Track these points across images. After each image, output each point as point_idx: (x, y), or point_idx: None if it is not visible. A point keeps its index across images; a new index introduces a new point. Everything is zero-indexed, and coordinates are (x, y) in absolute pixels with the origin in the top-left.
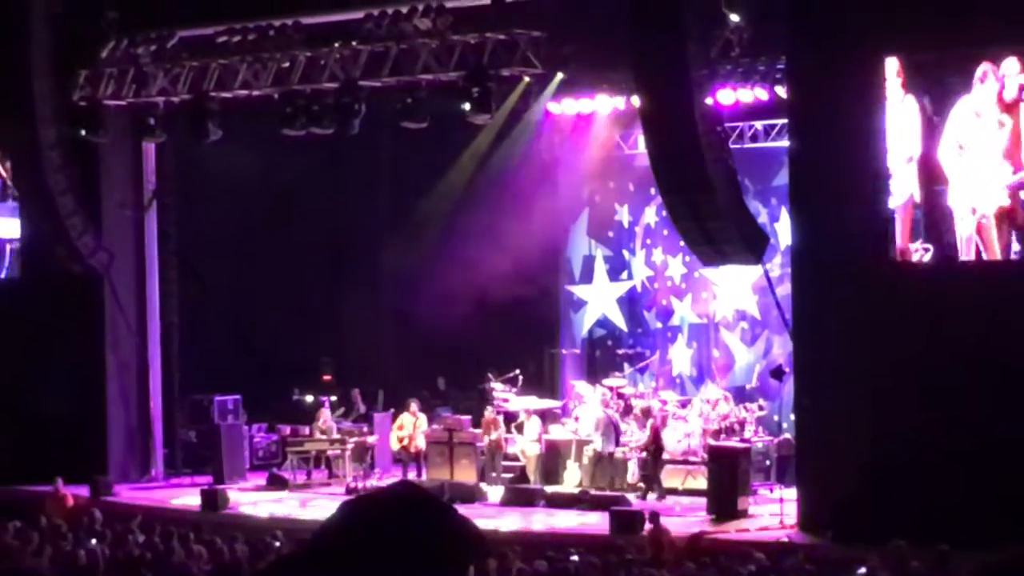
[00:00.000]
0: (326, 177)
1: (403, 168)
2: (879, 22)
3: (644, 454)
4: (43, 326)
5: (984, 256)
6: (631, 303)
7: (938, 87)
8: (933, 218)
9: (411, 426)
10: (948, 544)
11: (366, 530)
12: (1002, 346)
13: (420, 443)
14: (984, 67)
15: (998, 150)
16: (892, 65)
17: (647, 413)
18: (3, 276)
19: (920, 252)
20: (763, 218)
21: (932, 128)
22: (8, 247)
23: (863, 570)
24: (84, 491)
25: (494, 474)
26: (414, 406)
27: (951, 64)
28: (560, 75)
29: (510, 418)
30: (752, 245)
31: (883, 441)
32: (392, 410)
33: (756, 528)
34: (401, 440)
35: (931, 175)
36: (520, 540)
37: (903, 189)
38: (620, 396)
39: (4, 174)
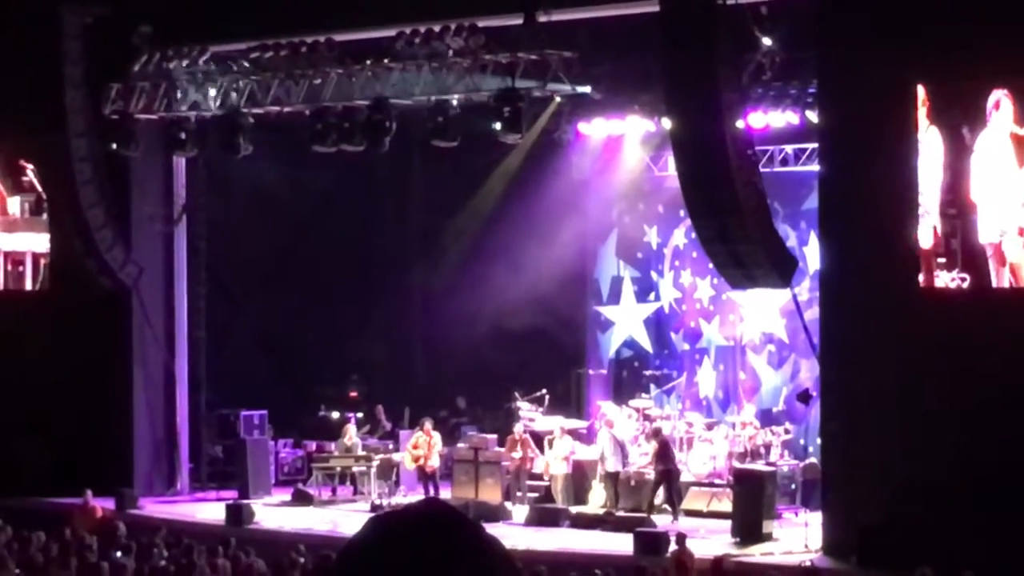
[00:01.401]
0: (356, 194)
1: (433, 186)
2: (910, 49)
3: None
4: (72, 339)
5: (1015, 284)
6: (658, 325)
7: (965, 117)
8: (967, 248)
9: (426, 445)
10: (973, 572)
11: (393, 547)
12: None
13: (435, 462)
14: (996, 95)
15: (1020, 179)
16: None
17: (654, 434)
18: (35, 289)
19: (957, 282)
20: (792, 242)
21: (961, 157)
22: (42, 261)
23: None
24: (110, 504)
25: (519, 493)
26: (428, 424)
27: (969, 93)
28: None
29: (536, 438)
30: (781, 268)
31: (909, 467)
32: (418, 428)
33: (780, 552)
34: (416, 459)
35: (963, 206)
36: (545, 560)
37: (926, 218)
38: (646, 417)
39: (38, 187)
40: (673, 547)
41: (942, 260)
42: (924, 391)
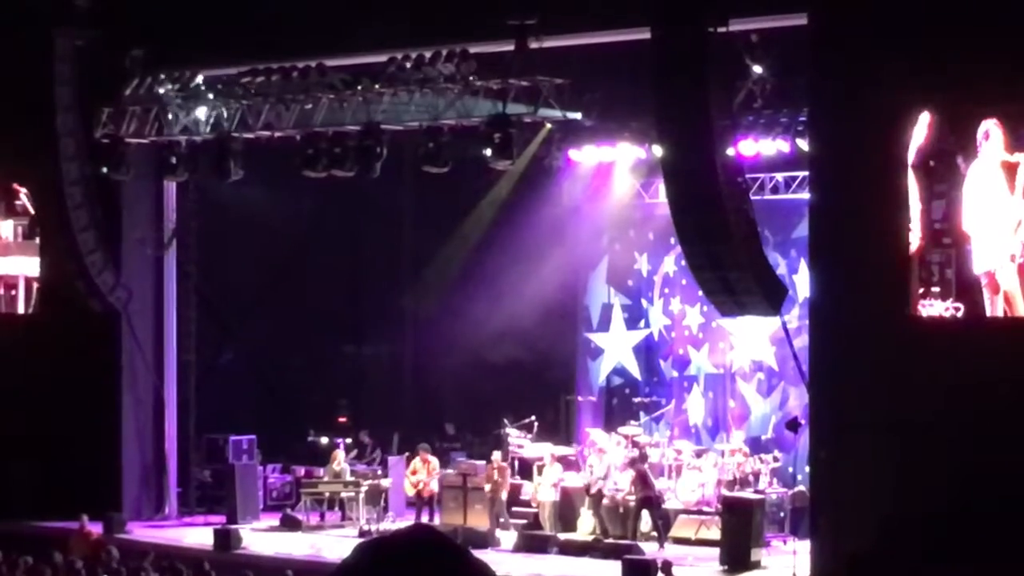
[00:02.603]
0: (347, 220)
1: (424, 212)
2: (902, 78)
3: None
4: (62, 362)
5: (1009, 313)
6: (648, 352)
7: (958, 146)
8: (961, 278)
9: (425, 471)
10: None
11: (382, 572)
12: (1019, 401)
13: (434, 487)
14: (986, 125)
15: (1012, 207)
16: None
17: (629, 464)
18: (27, 312)
19: (951, 311)
20: (782, 269)
21: (955, 187)
22: (35, 284)
23: None
24: (97, 528)
25: (502, 520)
26: (425, 450)
27: (961, 123)
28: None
29: (525, 464)
30: (771, 296)
31: (899, 496)
32: (407, 454)
33: None
34: (416, 485)
35: (956, 235)
36: None
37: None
38: (635, 444)
39: (31, 210)
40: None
41: (936, 289)
42: (913, 420)
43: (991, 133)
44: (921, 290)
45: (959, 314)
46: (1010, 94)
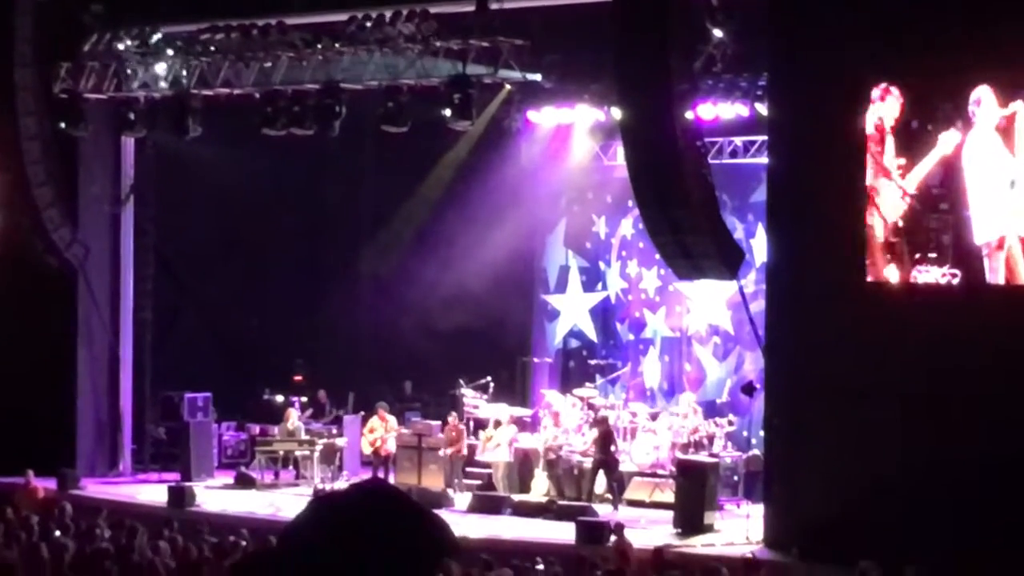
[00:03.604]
0: (305, 179)
1: (383, 172)
2: (861, 43)
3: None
4: (17, 318)
5: (1010, 279)
6: (604, 314)
7: (936, 113)
8: (959, 245)
9: (382, 429)
10: (915, 566)
11: (335, 527)
12: (972, 369)
13: (391, 446)
14: (977, 92)
15: (1006, 175)
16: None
17: (598, 423)
18: None
19: (948, 277)
20: (739, 234)
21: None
22: None
23: None
24: (44, 484)
25: (456, 481)
26: (383, 409)
27: (943, 91)
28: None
29: (480, 425)
30: (728, 260)
31: (852, 461)
32: (362, 413)
33: (722, 543)
34: (372, 443)
35: (955, 202)
36: (486, 548)
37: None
38: (590, 407)
39: None
40: (613, 538)
41: (932, 255)
42: (867, 385)
43: (983, 99)
44: (917, 255)
45: (955, 281)
46: (995, 59)
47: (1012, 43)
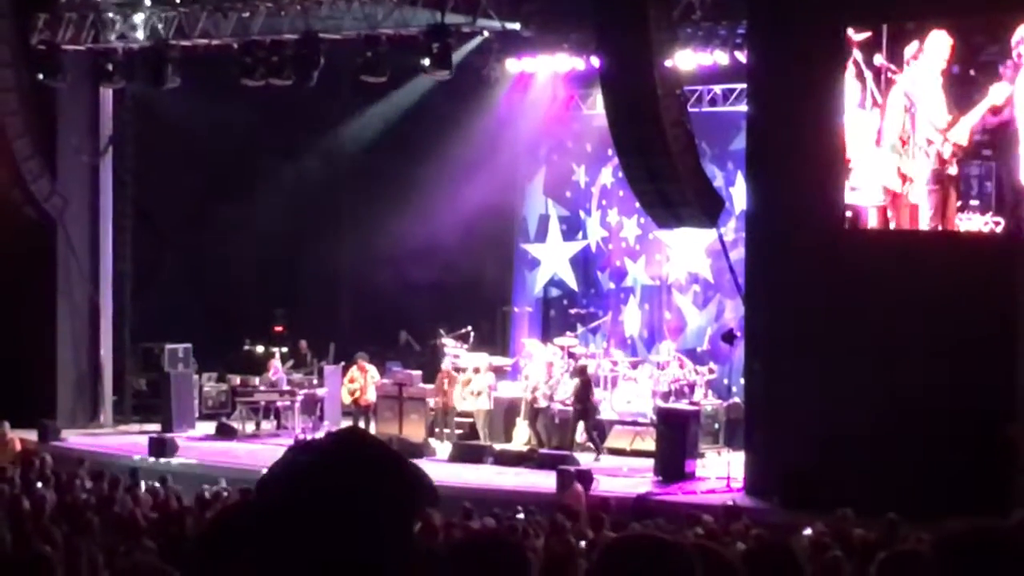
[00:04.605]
0: (283, 129)
1: (361, 122)
2: None
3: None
4: None
5: None
6: (585, 263)
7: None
8: (1002, 192)
9: (362, 379)
10: (896, 514)
11: (313, 474)
12: (951, 316)
13: (371, 396)
14: (1020, 32)
15: None
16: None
17: (579, 372)
18: None
19: (990, 225)
20: (719, 182)
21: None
22: None
23: (808, 531)
24: (32, 435)
25: (447, 431)
26: (363, 359)
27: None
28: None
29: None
30: (707, 209)
31: (831, 408)
32: (342, 363)
33: (703, 491)
34: (352, 393)
35: (1000, 147)
36: (468, 496)
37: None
38: (571, 355)
39: None
40: (577, 486)
41: (975, 203)
42: (847, 334)
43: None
44: (959, 203)
45: (998, 228)
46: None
47: None
